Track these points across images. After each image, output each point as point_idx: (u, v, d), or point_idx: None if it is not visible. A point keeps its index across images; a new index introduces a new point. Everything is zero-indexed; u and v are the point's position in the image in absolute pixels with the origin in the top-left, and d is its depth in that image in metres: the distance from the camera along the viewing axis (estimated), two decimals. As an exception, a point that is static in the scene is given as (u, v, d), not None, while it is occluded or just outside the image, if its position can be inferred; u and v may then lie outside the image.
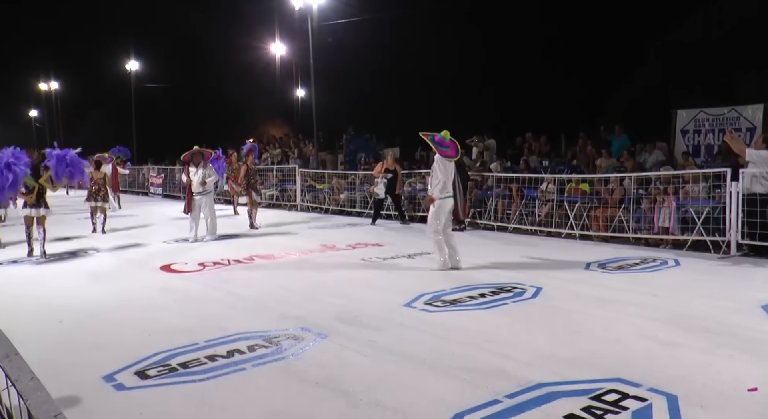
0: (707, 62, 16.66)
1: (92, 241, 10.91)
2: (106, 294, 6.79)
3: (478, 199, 12.29)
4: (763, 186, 8.14)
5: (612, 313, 5.52)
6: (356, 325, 5.29)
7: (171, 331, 5.19)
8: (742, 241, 8.28)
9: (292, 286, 7.01)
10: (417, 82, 25.89)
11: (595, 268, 7.69)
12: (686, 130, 11.93)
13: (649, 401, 3.58)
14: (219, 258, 8.79)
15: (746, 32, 15.60)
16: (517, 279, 6.95)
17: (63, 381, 4.05)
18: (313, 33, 19.46)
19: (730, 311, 5.52)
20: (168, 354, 4.60)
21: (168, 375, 4.18)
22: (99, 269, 8.33)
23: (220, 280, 7.40)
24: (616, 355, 4.38)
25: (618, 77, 19.16)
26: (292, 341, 4.87)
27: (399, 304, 5.98)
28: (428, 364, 4.29)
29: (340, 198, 15.77)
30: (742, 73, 15.42)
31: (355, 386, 3.92)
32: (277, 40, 31.79)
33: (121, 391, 3.95)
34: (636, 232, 9.57)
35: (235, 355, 4.54)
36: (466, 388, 3.84)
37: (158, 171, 25.28)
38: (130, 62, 36.22)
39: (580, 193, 10.60)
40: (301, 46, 25.03)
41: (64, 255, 9.51)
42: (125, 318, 5.74)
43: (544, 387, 3.82)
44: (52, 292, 6.92)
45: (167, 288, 7.01)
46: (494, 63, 23.29)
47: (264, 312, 5.83)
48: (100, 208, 12.04)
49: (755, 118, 11.06)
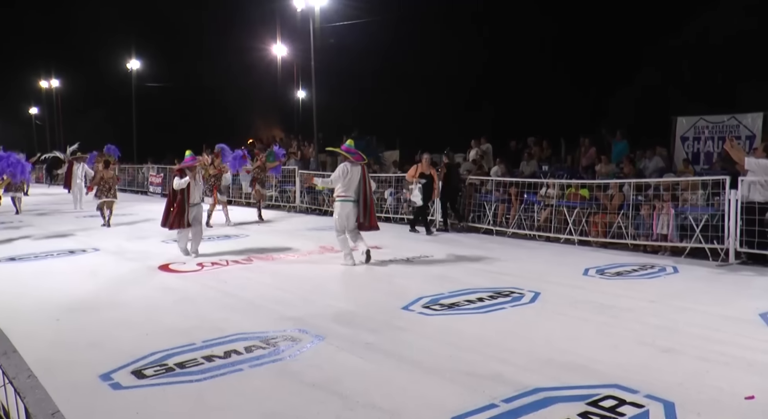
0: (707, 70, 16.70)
1: (91, 240, 10.90)
2: (103, 293, 6.79)
3: (477, 203, 12.29)
4: (762, 194, 8.14)
5: (610, 319, 5.52)
6: (354, 327, 5.29)
7: (168, 331, 5.19)
8: (741, 249, 8.28)
9: (290, 288, 7.01)
10: (417, 84, 25.88)
11: (594, 274, 7.69)
12: (686, 137, 11.94)
13: (646, 407, 3.58)
14: (217, 259, 8.79)
15: (746, 41, 15.64)
16: (515, 284, 6.94)
17: (60, 380, 4.05)
18: (314, 34, 19.46)
19: (727, 319, 5.51)
20: (165, 353, 4.60)
21: (165, 375, 4.18)
22: (97, 268, 8.32)
23: (218, 281, 7.40)
24: (614, 361, 4.38)
25: (618, 83, 19.18)
26: (290, 342, 4.87)
27: (397, 307, 5.98)
28: (425, 367, 4.29)
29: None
30: (742, 82, 15.44)
31: (352, 388, 3.92)
32: (279, 41, 31.80)
33: (117, 390, 3.95)
34: (635, 239, 9.58)
35: (232, 356, 4.55)
36: (463, 392, 3.85)
37: (158, 170, 25.21)
38: (131, 61, 36.16)
39: (579, 198, 10.60)
40: (303, 47, 25.02)
41: (62, 254, 9.49)
42: (123, 317, 5.74)
43: (541, 392, 3.82)
44: (50, 290, 6.91)
45: (165, 288, 7.01)
46: (495, 66, 23.30)
47: (262, 313, 5.84)
48: (107, 203, 13.04)
49: (755, 127, 11.07)
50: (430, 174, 11.76)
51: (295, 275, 7.73)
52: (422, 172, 11.72)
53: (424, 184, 11.57)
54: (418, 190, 11.55)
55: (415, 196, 11.64)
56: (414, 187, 11.66)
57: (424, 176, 11.67)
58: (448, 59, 24.25)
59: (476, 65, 23.91)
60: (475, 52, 23.69)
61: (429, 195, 11.75)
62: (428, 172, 11.74)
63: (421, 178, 11.63)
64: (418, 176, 11.69)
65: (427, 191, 11.62)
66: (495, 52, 23.08)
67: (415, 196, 11.64)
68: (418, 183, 11.58)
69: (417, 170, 11.83)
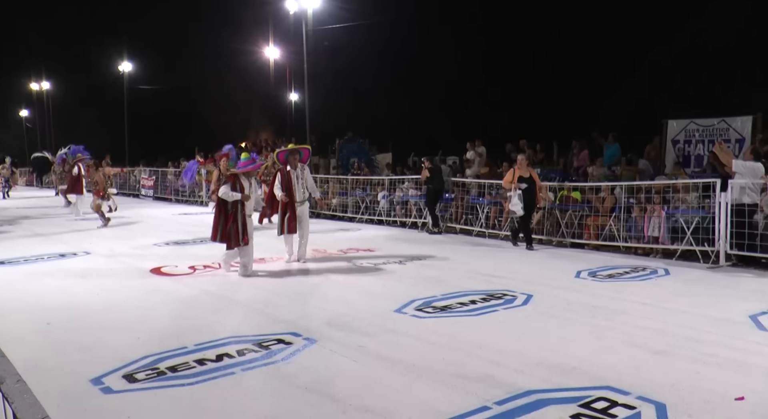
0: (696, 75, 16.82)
1: (82, 243, 10.82)
2: (95, 296, 6.74)
3: (468, 205, 12.31)
4: (751, 196, 8.22)
5: (602, 321, 5.53)
6: (346, 330, 5.28)
7: (160, 334, 5.16)
8: (731, 251, 8.34)
9: (283, 291, 6.99)
10: (411, 87, 25.94)
11: (586, 276, 7.71)
12: (677, 141, 12.01)
13: (637, 409, 3.60)
14: (210, 262, 8.74)
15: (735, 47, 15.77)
16: (507, 286, 6.94)
17: (50, 384, 4.01)
18: (307, 37, 19.46)
19: (718, 320, 5.54)
20: (157, 357, 4.56)
21: (156, 379, 4.15)
22: (88, 271, 8.26)
23: (210, 284, 7.36)
24: (606, 363, 4.39)
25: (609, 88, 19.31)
26: (282, 345, 4.85)
27: (389, 310, 5.97)
28: (418, 370, 4.29)
29: (332, 202, 15.74)
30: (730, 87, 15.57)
31: (345, 391, 3.91)
32: (272, 43, 31.75)
33: (108, 395, 3.92)
34: (627, 241, 9.62)
35: (225, 359, 4.52)
36: (455, 394, 3.84)
37: (150, 173, 25.11)
38: (123, 63, 36.02)
39: (571, 201, 10.64)
40: (295, 49, 24.98)
41: (52, 257, 9.43)
42: (114, 320, 5.70)
43: (533, 394, 3.82)
44: (40, 294, 6.84)
45: (157, 291, 6.96)
46: (488, 70, 23.40)
47: (254, 317, 5.81)
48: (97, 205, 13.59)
49: (744, 130, 11.15)
50: (530, 176, 10.11)
51: (288, 278, 7.71)
52: (521, 176, 10.04)
53: (525, 189, 9.96)
54: (518, 197, 9.91)
55: (515, 204, 9.95)
56: (513, 194, 9.99)
57: (523, 180, 10.01)
58: (441, 63, 24.35)
59: (470, 69, 24.00)
60: (468, 56, 23.79)
61: (531, 202, 10.08)
62: (527, 175, 10.10)
63: (521, 183, 9.99)
64: (516, 180, 10.04)
65: (528, 198, 9.98)
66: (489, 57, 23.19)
67: (515, 205, 9.95)
68: (518, 189, 9.95)
69: (514, 174, 10.12)
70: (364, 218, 14.51)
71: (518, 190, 9.93)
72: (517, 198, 9.92)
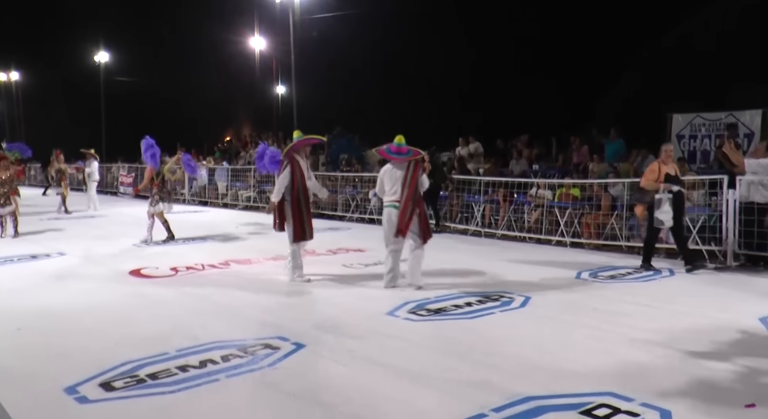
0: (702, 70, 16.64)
1: (56, 244, 10.34)
2: (70, 299, 6.49)
3: (464, 203, 12.09)
4: (762, 195, 7.97)
5: (603, 324, 5.42)
6: (336, 334, 5.16)
7: (140, 340, 4.99)
8: (739, 251, 8.15)
9: (270, 293, 6.80)
10: (402, 81, 25.60)
11: (587, 277, 7.58)
12: (682, 135, 11.74)
13: (641, 416, 3.51)
14: (193, 263, 8.48)
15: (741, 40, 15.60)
16: (504, 288, 6.82)
17: (20, 393, 3.91)
18: (294, 27, 19.08)
19: (726, 323, 5.40)
20: (136, 364, 4.42)
21: (135, 387, 4.02)
22: (63, 273, 7.95)
23: (193, 286, 7.13)
24: (608, 368, 4.29)
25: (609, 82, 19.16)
26: (269, 350, 4.71)
27: (381, 312, 5.84)
28: (411, 375, 4.20)
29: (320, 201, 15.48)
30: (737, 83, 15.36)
31: (333, 398, 3.84)
32: (257, 34, 30.90)
33: (83, 404, 3.78)
34: (629, 240, 9.44)
35: (208, 365, 4.39)
36: (451, 401, 3.77)
37: (128, 169, 24.58)
38: (99, 53, 34.20)
39: (571, 198, 10.46)
40: (282, 40, 24.51)
41: (23, 259, 9.04)
42: (90, 325, 5.51)
43: (532, 400, 3.73)
44: (10, 297, 6.58)
45: (137, 294, 6.75)
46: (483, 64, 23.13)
47: (239, 320, 5.66)
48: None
49: (753, 124, 10.83)
50: (675, 175, 7.93)
51: (275, 279, 7.50)
52: (668, 174, 7.85)
53: (676, 193, 7.75)
54: (668, 203, 7.65)
55: (664, 212, 7.63)
56: (662, 196, 7.67)
57: (670, 179, 7.80)
58: (434, 56, 24.08)
59: (463, 63, 23.76)
60: (461, 49, 23.55)
61: (680, 208, 7.89)
62: (674, 173, 7.92)
63: (670, 183, 7.76)
64: (663, 180, 7.79)
65: (677, 204, 7.75)
66: (483, 50, 22.97)
67: (664, 213, 7.63)
68: (667, 192, 7.70)
69: (660, 172, 7.84)
70: (355, 217, 14.27)
71: (668, 193, 7.71)
72: (668, 204, 7.64)
